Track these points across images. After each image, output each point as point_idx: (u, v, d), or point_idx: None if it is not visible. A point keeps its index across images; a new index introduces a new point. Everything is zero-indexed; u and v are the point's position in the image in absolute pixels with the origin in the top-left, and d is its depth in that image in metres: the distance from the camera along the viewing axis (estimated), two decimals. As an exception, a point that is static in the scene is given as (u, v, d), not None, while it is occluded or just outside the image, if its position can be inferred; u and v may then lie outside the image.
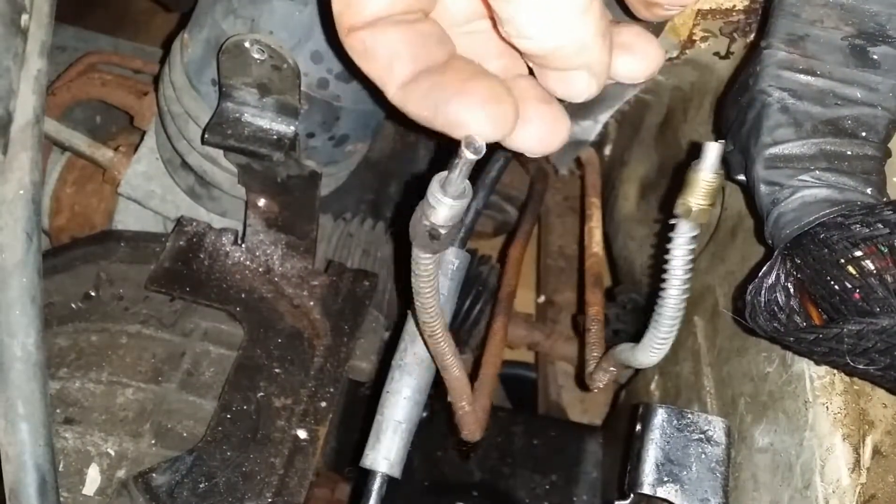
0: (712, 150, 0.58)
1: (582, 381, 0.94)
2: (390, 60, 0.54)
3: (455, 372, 0.74)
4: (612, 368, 0.85)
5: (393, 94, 0.56)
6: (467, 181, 0.51)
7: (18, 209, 0.61)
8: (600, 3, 0.50)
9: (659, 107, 1.21)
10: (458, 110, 0.53)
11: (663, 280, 0.65)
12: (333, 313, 0.94)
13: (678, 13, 0.63)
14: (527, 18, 0.49)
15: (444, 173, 0.51)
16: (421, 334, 0.72)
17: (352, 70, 0.87)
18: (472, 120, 0.52)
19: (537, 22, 0.49)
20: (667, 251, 0.64)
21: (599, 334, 0.94)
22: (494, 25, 0.54)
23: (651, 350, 0.70)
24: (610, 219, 1.39)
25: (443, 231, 0.53)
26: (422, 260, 0.58)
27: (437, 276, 0.61)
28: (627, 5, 0.62)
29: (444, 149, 1.34)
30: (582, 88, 0.54)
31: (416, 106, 0.56)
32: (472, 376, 0.93)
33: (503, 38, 0.53)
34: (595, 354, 0.90)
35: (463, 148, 0.48)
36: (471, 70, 0.55)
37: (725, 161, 0.73)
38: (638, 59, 0.57)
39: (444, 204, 0.51)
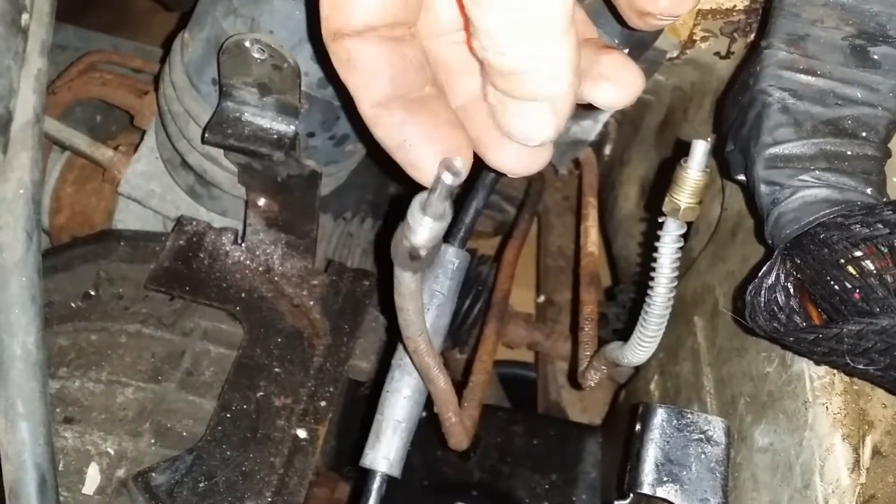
0: (700, 148, 0.58)
1: (575, 380, 0.95)
2: (370, 75, 0.56)
3: (440, 384, 0.74)
4: (602, 367, 0.85)
5: (365, 110, 0.57)
6: (447, 202, 0.51)
7: (18, 208, 0.61)
8: (576, 36, 0.50)
9: (659, 106, 1.21)
10: (419, 156, 0.57)
11: (651, 278, 0.65)
12: (333, 313, 0.94)
13: (671, 23, 0.63)
14: (505, 30, 0.48)
15: (425, 194, 0.51)
16: (405, 349, 0.72)
17: (329, 73, 0.87)
18: (427, 169, 0.57)
19: (515, 35, 0.49)
20: (655, 249, 0.64)
21: (592, 333, 0.94)
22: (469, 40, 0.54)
23: (639, 348, 0.70)
24: (610, 218, 1.39)
25: (423, 252, 0.53)
26: (404, 279, 0.58)
27: (420, 294, 0.61)
28: (620, 14, 0.62)
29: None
30: (540, 127, 0.54)
31: (384, 133, 0.58)
32: (468, 377, 0.93)
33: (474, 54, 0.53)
34: (588, 353, 0.90)
35: (442, 171, 0.48)
36: (441, 118, 0.57)
37: (726, 161, 0.73)
38: (617, 88, 0.57)
39: (423, 225, 0.52)
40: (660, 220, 0.63)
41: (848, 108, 0.66)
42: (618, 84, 0.57)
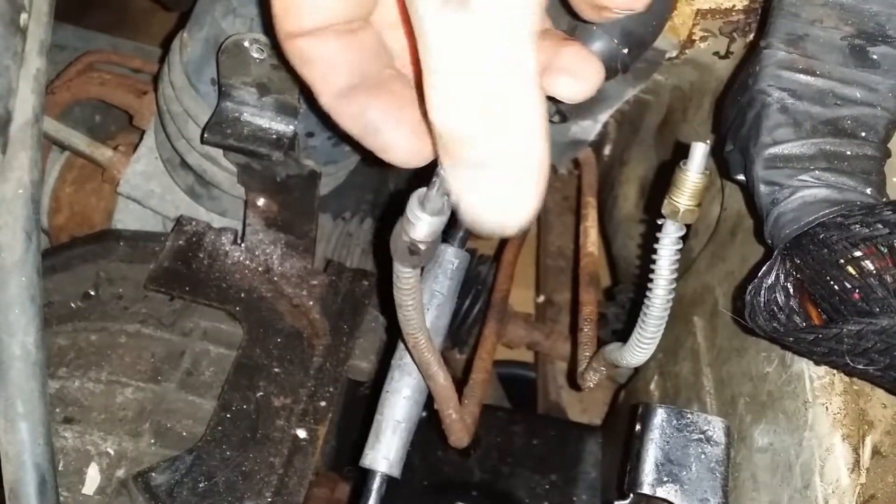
0: (699, 151, 0.58)
1: (574, 380, 0.95)
2: (327, 70, 0.54)
3: (440, 380, 0.74)
4: (602, 368, 0.85)
5: (326, 101, 0.56)
6: (446, 197, 0.51)
7: (18, 208, 0.60)
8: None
9: (659, 106, 1.21)
10: (387, 138, 0.54)
11: (650, 280, 0.65)
12: (333, 313, 0.94)
13: (625, 16, 0.62)
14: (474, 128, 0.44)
15: (424, 189, 0.51)
16: (405, 345, 0.72)
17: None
18: (397, 148, 0.54)
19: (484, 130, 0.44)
20: (654, 251, 0.64)
21: (592, 334, 0.94)
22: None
23: (637, 349, 0.70)
24: (610, 218, 1.39)
25: (422, 246, 0.53)
26: (403, 274, 0.59)
27: (419, 290, 0.61)
28: (572, 7, 0.61)
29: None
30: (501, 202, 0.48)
31: (349, 121, 0.56)
32: (467, 376, 0.93)
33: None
34: (587, 354, 0.91)
35: (440, 167, 0.48)
36: (404, 97, 0.56)
37: (725, 161, 0.73)
38: (577, 81, 0.56)
39: (422, 220, 0.52)
40: (659, 223, 0.63)
41: (847, 107, 0.66)
42: (577, 77, 0.56)
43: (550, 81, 0.56)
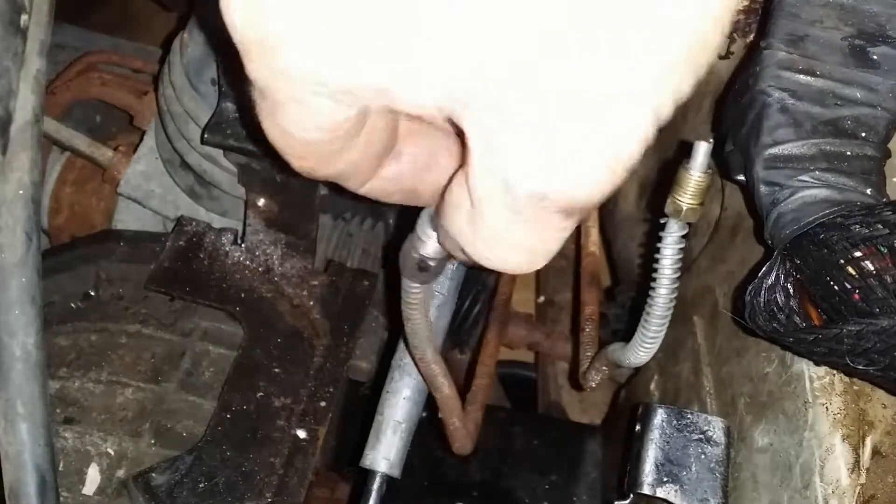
0: (702, 149, 0.58)
1: (576, 380, 0.95)
2: (355, 175, 0.53)
3: (446, 391, 0.74)
4: (604, 368, 0.85)
5: (364, 192, 0.55)
6: None
7: (18, 209, 0.61)
8: None
9: (659, 107, 1.20)
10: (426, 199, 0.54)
11: (653, 279, 0.65)
12: (333, 313, 0.94)
13: None
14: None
15: (434, 207, 0.52)
16: (411, 357, 0.72)
17: None
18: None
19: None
20: (657, 250, 0.64)
21: (593, 334, 0.94)
22: None
23: (640, 349, 0.70)
24: (610, 219, 1.38)
25: (432, 263, 0.54)
26: (411, 289, 0.59)
27: (427, 304, 0.62)
28: None
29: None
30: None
31: (389, 196, 0.56)
32: (469, 379, 0.93)
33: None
34: (589, 354, 0.90)
35: None
36: (427, 146, 0.54)
37: (725, 161, 0.73)
38: None
39: (432, 238, 0.52)
40: (662, 221, 0.63)
41: (847, 108, 0.66)
42: None
43: None
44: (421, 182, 0.55)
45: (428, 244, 0.53)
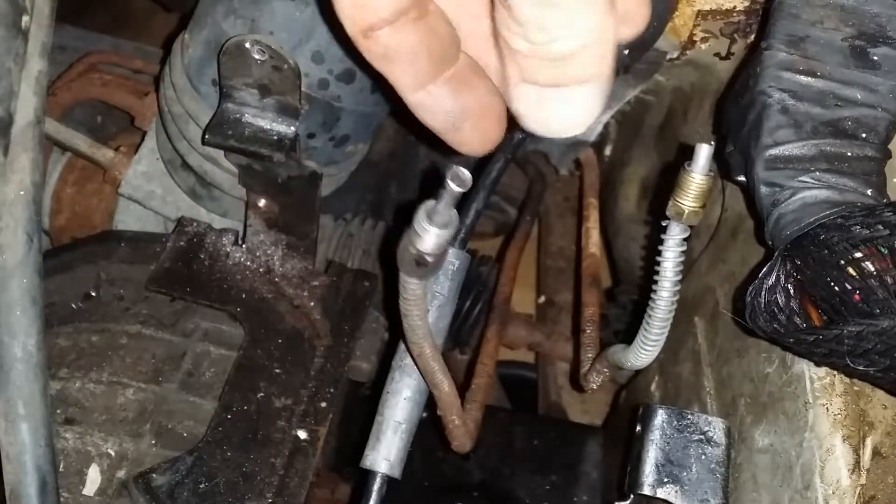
0: (703, 152, 0.58)
1: (577, 382, 0.95)
2: (411, 63, 0.54)
3: (445, 388, 0.74)
4: (605, 369, 0.85)
5: (410, 98, 0.56)
6: (454, 210, 0.52)
7: (19, 210, 0.61)
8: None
9: (659, 107, 1.20)
10: (466, 135, 0.58)
11: (655, 282, 0.65)
12: (334, 314, 0.94)
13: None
14: (556, 13, 0.46)
15: (432, 202, 0.52)
16: (410, 354, 0.72)
17: (367, 71, 0.87)
18: (474, 143, 0.58)
19: (569, 16, 0.47)
20: (658, 253, 0.64)
21: (594, 335, 0.94)
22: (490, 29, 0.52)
23: (642, 351, 0.70)
24: (611, 220, 1.39)
25: (430, 259, 0.54)
26: (410, 285, 0.59)
27: (425, 300, 0.61)
28: None
29: (444, 150, 1.34)
30: (589, 111, 0.53)
31: (432, 117, 0.58)
32: (469, 379, 0.93)
33: (498, 45, 0.51)
34: (590, 355, 0.90)
35: (449, 180, 0.49)
36: (482, 89, 0.57)
37: (726, 162, 0.73)
38: (628, 25, 0.56)
39: (430, 233, 0.52)
40: (663, 224, 0.63)
41: (848, 109, 0.66)
42: (627, 21, 0.56)
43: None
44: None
45: (425, 239, 0.53)
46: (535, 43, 0.48)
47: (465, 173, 0.49)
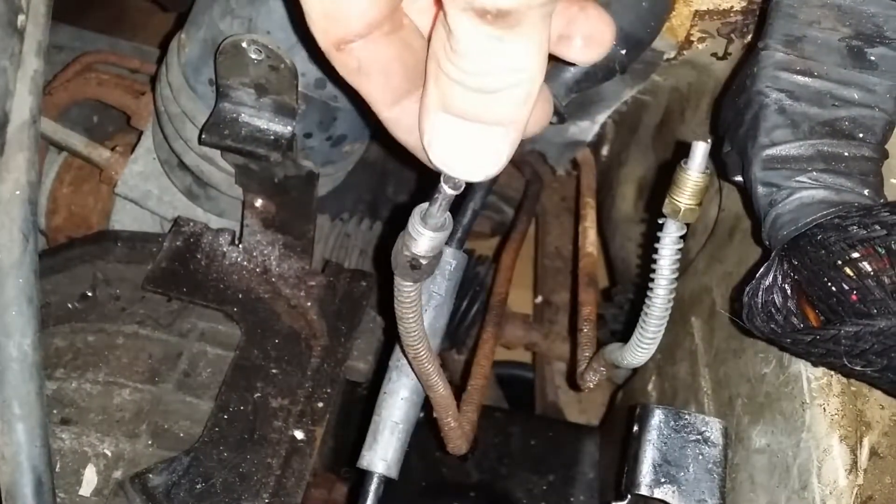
0: (700, 150, 0.58)
1: (574, 381, 0.95)
2: (385, 77, 0.53)
3: (440, 390, 0.74)
4: (602, 368, 0.85)
5: (384, 113, 0.55)
6: (448, 213, 0.52)
7: (15, 209, 0.61)
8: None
9: (656, 107, 1.21)
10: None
11: (651, 279, 0.65)
12: (331, 314, 0.94)
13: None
14: (497, 49, 0.45)
15: (425, 205, 0.52)
16: (405, 356, 0.72)
17: (342, 88, 0.86)
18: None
19: (506, 53, 0.46)
20: (655, 251, 0.64)
21: (591, 334, 0.94)
22: None
23: (638, 349, 0.70)
24: (608, 219, 1.39)
25: (424, 261, 0.54)
26: (404, 288, 0.59)
27: (420, 302, 0.61)
28: None
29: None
30: (496, 154, 0.50)
31: (406, 133, 0.56)
32: (466, 379, 0.93)
33: (427, 66, 0.50)
34: (587, 354, 0.90)
35: (442, 183, 0.49)
36: None
37: (723, 162, 0.73)
38: (591, 48, 0.57)
39: (424, 236, 0.52)
40: (660, 222, 0.63)
41: (845, 109, 0.66)
42: (592, 43, 0.56)
43: (566, 47, 0.57)
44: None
45: (419, 242, 0.53)
46: (467, 72, 0.47)
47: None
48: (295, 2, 0.51)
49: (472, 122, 0.49)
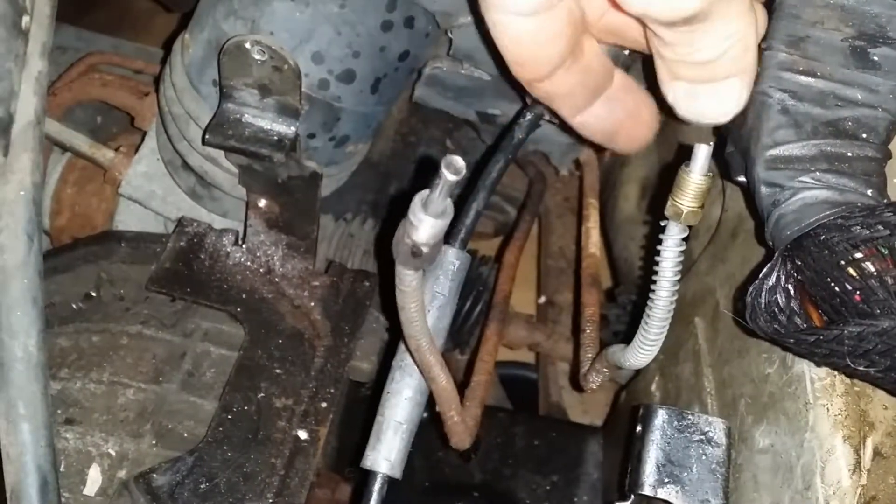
0: (702, 153, 0.59)
1: (576, 382, 0.95)
2: (570, 99, 0.68)
3: (442, 382, 0.74)
4: (604, 369, 0.85)
5: (576, 122, 0.71)
6: (448, 200, 0.52)
7: (19, 210, 0.61)
8: None
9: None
10: (635, 134, 0.75)
11: (653, 282, 0.65)
12: (334, 314, 0.94)
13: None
14: (705, 29, 0.55)
15: (426, 192, 0.52)
16: (407, 348, 0.72)
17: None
18: (631, 149, 0.78)
19: (716, 28, 0.55)
20: (657, 253, 0.64)
21: (594, 335, 0.94)
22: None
23: (640, 351, 0.70)
24: (611, 220, 1.38)
25: (425, 249, 0.54)
26: (406, 276, 0.59)
27: (421, 292, 0.61)
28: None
29: (444, 150, 1.34)
30: (734, 100, 0.62)
31: (595, 131, 0.73)
32: (469, 378, 0.93)
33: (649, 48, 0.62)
34: (589, 355, 0.90)
35: (443, 169, 0.49)
36: (633, 101, 0.73)
37: (726, 162, 0.73)
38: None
39: (425, 223, 0.52)
40: (662, 224, 0.63)
41: (848, 109, 0.66)
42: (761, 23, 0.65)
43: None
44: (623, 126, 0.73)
45: (420, 229, 0.53)
46: (680, 54, 0.57)
47: (459, 161, 0.50)
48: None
49: (705, 83, 0.60)
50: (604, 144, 0.76)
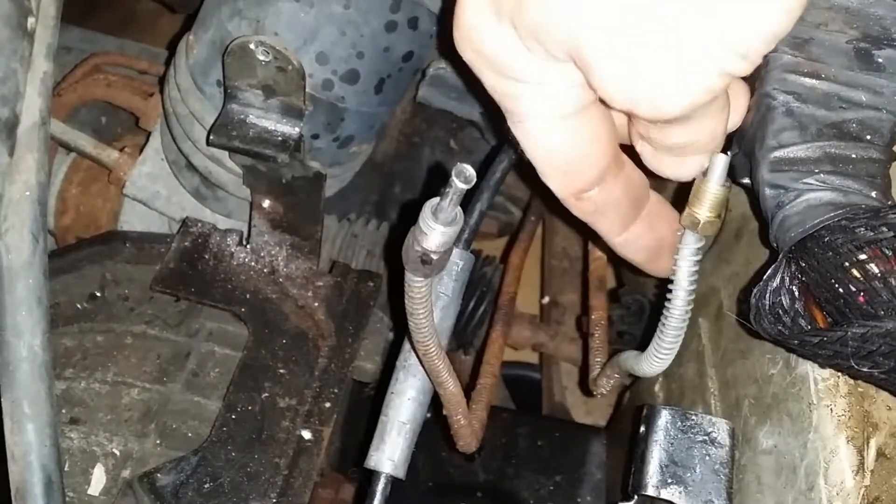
0: (720, 162, 0.59)
1: (585, 386, 0.94)
2: (616, 213, 0.66)
3: (450, 388, 0.74)
4: (616, 375, 0.85)
5: (617, 241, 0.68)
6: (458, 208, 0.52)
7: (25, 210, 0.61)
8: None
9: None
10: (666, 263, 0.69)
11: (669, 290, 0.65)
12: (338, 314, 0.94)
13: None
14: (682, 122, 0.57)
15: (436, 200, 0.52)
16: (415, 352, 0.72)
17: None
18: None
19: (694, 132, 0.59)
20: (673, 262, 0.64)
21: (603, 339, 0.94)
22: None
23: (655, 359, 0.70)
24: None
25: (434, 256, 0.54)
26: (415, 283, 0.59)
27: (430, 298, 0.62)
28: None
29: (448, 151, 1.34)
30: (694, 171, 0.63)
31: (636, 253, 0.71)
32: (474, 379, 0.93)
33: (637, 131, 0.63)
34: (598, 360, 0.90)
35: (454, 177, 0.49)
36: (673, 217, 0.70)
37: (730, 164, 0.73)
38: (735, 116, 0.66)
39: (435, 231, 0.52)
40: (678, 234, 0.63)
41: (852, 111, 0.66)
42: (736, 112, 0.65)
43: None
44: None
45: (430, 237, 0.53)
46: (654, 137, 0.60)
47: (470, 171, 0.50)
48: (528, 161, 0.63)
49: (685, 155, 0.62)
50: (646, 266, 0.73)
